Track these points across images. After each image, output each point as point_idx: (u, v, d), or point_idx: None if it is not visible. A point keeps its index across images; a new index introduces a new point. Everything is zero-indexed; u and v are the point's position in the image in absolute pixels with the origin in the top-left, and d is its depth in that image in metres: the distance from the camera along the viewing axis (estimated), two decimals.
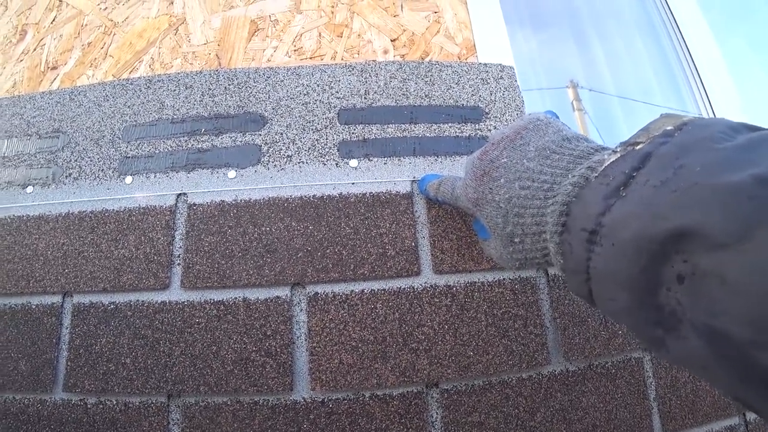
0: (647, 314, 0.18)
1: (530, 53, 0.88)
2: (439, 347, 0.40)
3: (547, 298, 0.44)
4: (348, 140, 0.44)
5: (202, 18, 0.52)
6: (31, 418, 0.40)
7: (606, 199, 0.19)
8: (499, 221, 0.27)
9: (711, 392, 0.45)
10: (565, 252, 0.22)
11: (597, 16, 0.93)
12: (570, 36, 0.93)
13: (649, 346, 0.19)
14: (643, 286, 0.17)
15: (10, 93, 0.54)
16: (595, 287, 0.20)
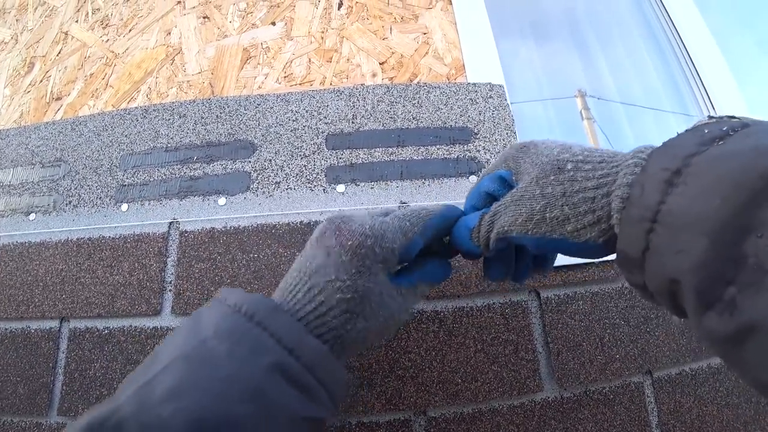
0: (722, 267, 0.16)
1: (537, 64, 0.89)
2: (426, 374, 0.40)
3: (539, 322, 0.43)
4: (335, 165, 0.45)
5: (197, 47, 0.54)
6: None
7: (699, 146, 0.18)
8: (555, 150, 0.25)
9: (719, 417, 0.44)
10: (632, 195, 0.19)
11: (599, 25, 0.93)
12: (574, 46, 0.93)
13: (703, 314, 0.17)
14: (730, 230, 0.15)
15: (17, 123, 0.57)
16: (660, 238, 0.18)
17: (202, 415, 0.20)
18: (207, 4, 0.58)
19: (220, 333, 0.23)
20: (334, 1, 0.56)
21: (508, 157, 0.29)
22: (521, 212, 0.25)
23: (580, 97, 1.00)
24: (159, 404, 0.20)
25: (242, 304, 0.24)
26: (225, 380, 0.21)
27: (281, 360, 0.23)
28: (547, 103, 0.88)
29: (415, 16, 0.56)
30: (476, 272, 0.43)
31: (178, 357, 0.22)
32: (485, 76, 0.53)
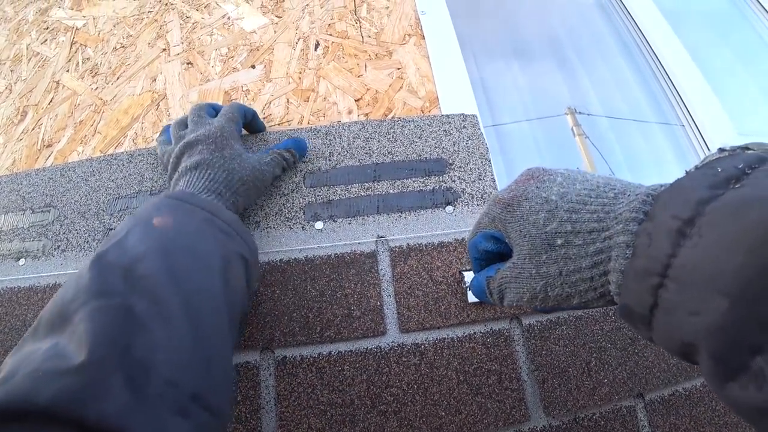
0: (746, 333, 0.14)
1: (523, 85, 0.92)
2: (409, 408, 0.40)
3: (523, 349, 0.44)
4: (313, 203, 0.47)
5: (180, 93, 0.57)
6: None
7: (713, 189, 0.16)
8: (540, 218, 0.24)
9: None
10: (638, 245, 0.18)
11: (579, 45, 0.97)
12: (557, 66, 0.97)
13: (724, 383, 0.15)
14: (755, 290, 0.13)
15: (9, 170, 0.59)
16: (671, 295, 0.17)
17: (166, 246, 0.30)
18: (191, 51, 0.61)
19: (162, 209, 0.33)
20: (311, 43, 0.59)
21: (495, 217, 0.28)
22: (524, 291, 0.25)
23: (570, 114, 1.03)
24: (135, 246, 0.30)
25: (171, 195, 0.35)
26: (175, 228, 0.32)
27: (209, 218, 0.34)
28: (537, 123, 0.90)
29: (389, 52, 0.58)
30: (455, 303, 0.44)
31: (134, 226, 0.32)
32: (459, 106, 0.55)
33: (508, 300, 0.29)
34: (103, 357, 0.23)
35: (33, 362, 0.23)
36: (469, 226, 0.47)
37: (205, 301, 0.30)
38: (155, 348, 0.25)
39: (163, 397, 0.24)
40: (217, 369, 0.29)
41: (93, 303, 0.26)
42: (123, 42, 0.65)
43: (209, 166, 0.39)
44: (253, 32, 0.61)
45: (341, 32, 0.60)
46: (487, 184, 0.50)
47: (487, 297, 0.32)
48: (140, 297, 0.27)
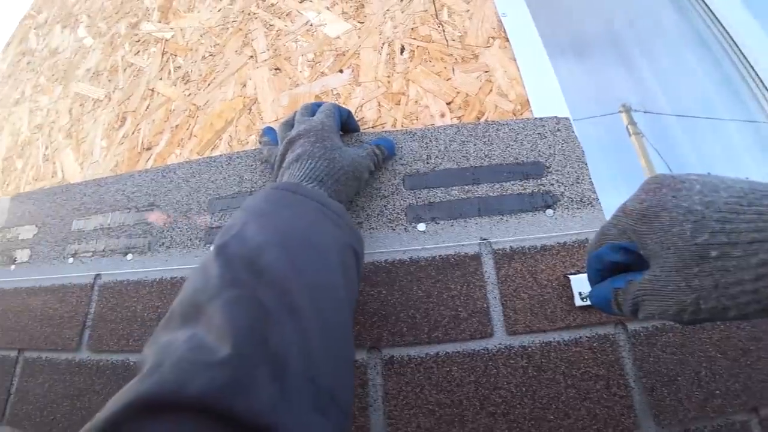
0: None
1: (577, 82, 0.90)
2: (518, 411, 0.41)
3: (629, 355, 0.43)
4: (414, 205, 0.48)
5: (271, 97, 0.59)
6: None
7: None
8: (686, 229, 0.23)
9: None
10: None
11: (640, 37, 0.93)
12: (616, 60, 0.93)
13: None
14: None
15: (113, 171, 0.64)
16: None
17: (285, 238, 0.31)
18: (277, 57, 0.64)
19: (274, 199, 0.35)
20: (396, 47, 0.60)
21: (626, 228, 0.27)
22: (669, 304, 0.25)
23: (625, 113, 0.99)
24: (253, 237, 0.31)
25: (277, 186, 0.37)
26: (289, 220, 0.33)
27: (319, 208, 0.35)
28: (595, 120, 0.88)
29: (475, 55, 0.59)
30: (561, 306, 0.44)
31: (249, 217, 0.33)
32: (550, 109, 0.54)
33: (645, 312, 0.27)
34: (248, 350, 0.23)
35: (176, 352, 0.23)
36: (571, 229, 0.47)
37: (328, 294, 0.30)
38: (289, 341, 0.25)
39: (304, 393, 0.24)
40: (344, 366, 0.29)
41: (226, 293, 0.26)
42: (211, 50, 0.69)
43: (310, 156, 0.40)
44: (337, 38, 0.63)
45: (425, 36, 0.61)
46: (585, 188, 0.49)
47: (612, 308, 0.31)
48: (267, 288, 0.27)
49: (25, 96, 0.87)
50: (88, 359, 0.54)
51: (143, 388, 0.21)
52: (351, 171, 0.42)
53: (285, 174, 0.42)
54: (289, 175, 0.41)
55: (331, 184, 0.40)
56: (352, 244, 0.36)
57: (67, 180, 0.68)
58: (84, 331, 0.56)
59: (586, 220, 0.47)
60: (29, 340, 0.59)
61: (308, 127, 0.43)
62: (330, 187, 0.40)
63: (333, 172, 0.40)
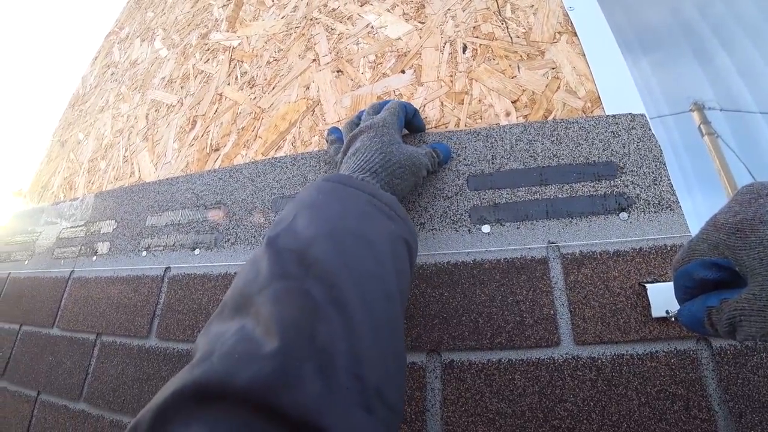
0: None
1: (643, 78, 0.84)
2: (584, 426, 0.39)
3: (714, 375, 0.39)
4: (479, 206, 0.47)
5: (334, 99, 0.62)
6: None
7: None
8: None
9: None
10: None
11: (716, 27, 0.86)
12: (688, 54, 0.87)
13: None
14: None
15: (184, 171, 0.70)
16: None
17: (335, 230, 0.31)
18: (339, 60, 0.66)
19: (325, 191, 0.36)
20: (459, 46, 0.60)
21: (719, 243, 0.26)
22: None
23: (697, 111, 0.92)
24: (303, 230, 0.31)
25: (328, 178, 0.37)
26: (341, 211, 0.33)
27: (370, 199, 0.35)
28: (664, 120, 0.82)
29: (541, 52, 0.57)
30: (635, 317, 0.41)
31: (300, 210, 0.34)
32: (623, 106, 0.52)
33: (744, 333, 0.26)
34: (294, 344, 0.24)
35: (225, 343, 0.24)
36: (647, 234, 0.44)
37: (378, 287, 0.30)
38: (336, 337, 0.25)
39: (350, 390, 0.24)
40: (394, 362, 0.29)
41: (274, 285, 0.27)
42: (275, 56, 0.74)
43: (367, 149, 0.41)
44: (398, 39, 0.65)
45: (488, 34, 0.61)
46: (663, 190, 0.46)
47: (705, 328, 0.29)
48: (316, 281, 0.27)
49: (108, 104, 0.97)
50: (156, 346, 0.59)
51: (192, 377, 0.22)
52: (408, 165, 0.42)
53: (342, 167, 0.43)
54: (345, 168, 0.42)
55: (384, 176, 0.40)
56: (404, 236, 0.36)
57: (143, 179, 0.76)
58: (154, 319, 0.61)
59: (664, 225, 0.44)
60: (106, 326, 0.66)
61: (370, 124, 0.44)
62: (383, 179, 0.40)
63: (388, 165, 0.41)
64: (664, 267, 0.43)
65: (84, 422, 0.61)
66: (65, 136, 1.08)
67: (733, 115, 0.80)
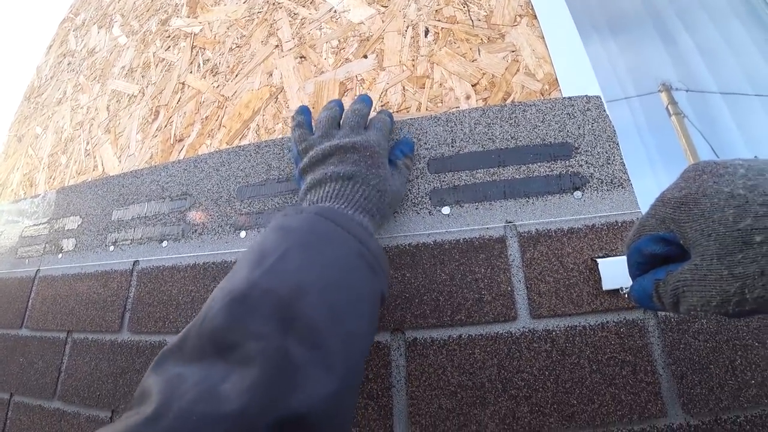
0: None
1: (611, 60, 0.88)
2: (540, 394, 0.42)
3: (659, 342, 0.43)
4: (439, 188, 0.50)
5: (297, 85, 0.63)
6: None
7: None
8: (728, 215, 0.23)
9: None
10: None
11: (682, 10, 0.90)
12: (655, 36, 0.91)
13: None
14: None
15: (148, 163, 0.70)
16: None
17: (329, 282, 0.31)
18: (302, 45, 0.68)
19: (320, 233, 0.34)
20: (421, 30, 0.62)
21: (665, 218, 0.28)
22: (712, 294, 0.24)
23: (665, 92, 0.96)
24: (292, 275, 0.30)
25: (324, 214, 0.36)
26: (335, 260, 0.33)
27: (361, 250, 0.35)
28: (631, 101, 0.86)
29: (502, 35, 0.60)
30: (588, 290, 0.45)
31: (293, 245, 0.33)
32: (580, 88, 0.55)
33: (686, 305, 0.27)
34: (260, 410, 0.23)
35: (184, 396, 0.23)
36: (600, 211, 0.47)
37: (358, 346, 0.30)
38: (313, 399, 0.25)
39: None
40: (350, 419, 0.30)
41: (250, 344, 0.26)
42: (237, 42, 0.74)
43: (364, 182, 0.41)
44: (361, 23, 0.66)
45: (450, 17, 0.63)
46: (616, 169, 0.50)
47: (653, 303, 0.31)
48: (299, 340, 0.27)
49: (66, 95, 0.96)
50: (129, 340, 0.60)
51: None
52: (396, 202, 0.45)
53: (328, 185, 0.41)
54: (335, 192, 0.40)
55: (379, 218, 0.42)
56: (383, 290, 0.37)
57: (106, 173, 0.76)
58: (125, 313, 0.62)
59: (616, 202, 0.48)
60: (76, 323, 0.67)
61: (364, 143, 0.43)
62: (378, 221, 0.42)
63: (382, 205, 0.42)
64: (615, 242, 0.46)
65: (60, 420, 0.62)
66: (22, 131, 1.06)
67: (697, 95, 0.84)
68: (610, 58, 0.87)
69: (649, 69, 0.87)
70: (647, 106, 0.86)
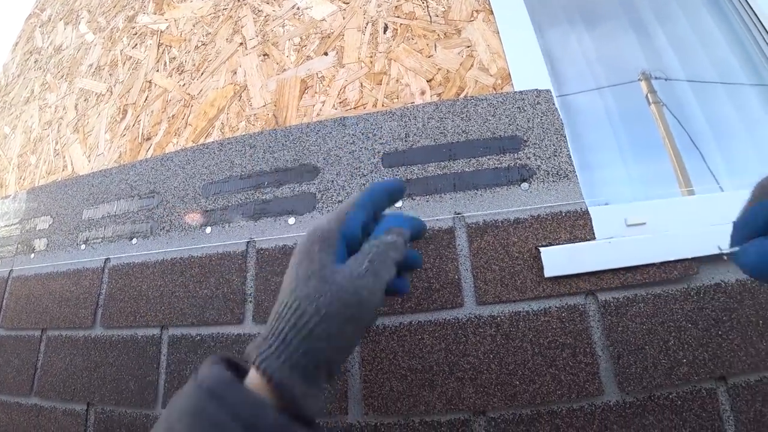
0: None
1: (590, 51, 0.90)
2: (485, 376, 0.46)
3: (598, 325, 0.47)
4: None
5: (260, 83, 0.65)
6: (137, 429, 0.53)
7: None
8: None
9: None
10: None
11: (655, 1, 0.93)
12: (629, 26, 0.93)
13: None
14: None
15: (117, 162, 0.72)
16: None
17: None
18: (266, 43, 0.69)
19: (184, 413, 0.26)
20: (380, 26, 0.64)
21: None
22: None
23: (644, 80, 0.98)
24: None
25: (204, 378, 0.27)
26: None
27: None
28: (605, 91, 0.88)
29: (458, 30, 0.62)
30: (531, 277, 0.48)
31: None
32: (532, 82, 0.57)
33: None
34: None
35: None
36: (545, 202, 0.50)
37: None
38: None
39: None
40: None
41: None
42: (203, 40, 0.76)
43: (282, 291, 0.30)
44: (323, 20, 0.68)
45: (408, 13, 0.65)
46: (562, 161, 0.52)
47: None
48: None
49: (34, 94, 0.97)
50: (102, 335, 0.63)
51: None
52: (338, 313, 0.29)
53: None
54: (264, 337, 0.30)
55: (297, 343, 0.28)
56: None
57: (76, 172, 0.78)
58: (97, 310, 0.65)
59: (561, 193, 0.51)
60: (51, 320, 0.69)
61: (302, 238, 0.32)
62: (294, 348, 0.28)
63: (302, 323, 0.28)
64: (559, 232, 0.49)
65: (38, 415, 0.65)
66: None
67: (670, 83, 0.87)
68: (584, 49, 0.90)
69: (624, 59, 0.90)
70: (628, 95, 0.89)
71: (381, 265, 0.30)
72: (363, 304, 0.29)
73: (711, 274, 0.48)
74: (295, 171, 0.57)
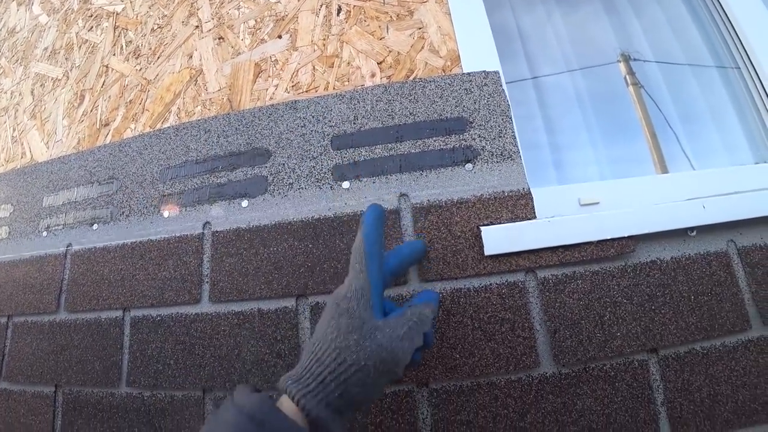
0: None
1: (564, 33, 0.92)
2: (425, 352, 0.49)
3: (537, 301, 0.50)
4: (340, 164, 0.55)
5: (215, 67, 0.67)
6: (104, 407, 0.56)
7: None
8: None
9: (732, 397, 0.47)
10: None
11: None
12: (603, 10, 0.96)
13: None
14: None
15: (76, 149, 0.73)
16: None
17: None
18: (221, 26, 0.70)
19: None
20: (334, 8, 0.66)
21: None
22: None
23: (624, 62, 1.01)
24: None
25: (243, 404, 0.32)
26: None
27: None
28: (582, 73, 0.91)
29: (410, 12, 0.64)
30: (473, 255, 0.51)
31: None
32: (481, 63, 0.60)
33: None
34: None
35: None
36: (488, 182, 0.53)
37: None
38: None
39: None
40: None
41: None
42: (159, 22, 0.76)
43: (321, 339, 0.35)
44: (277, 2, 0.69)
45: None
46: (507, 142, 0.55)
47: None
48: None
49: None
50: (66, 319, 0.65)
51: None
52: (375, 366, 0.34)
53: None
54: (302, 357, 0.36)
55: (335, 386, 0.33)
56: None
57: (35, 160, 0.79)
58: (61, 295, 0.67)
59: (504, 174, 0.53)
60: (16, 307, 0.71)
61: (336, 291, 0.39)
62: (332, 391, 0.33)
63: (342, 369, 0.33)
64: (501, 211, 0.52)
65: (8, 399, 0.68)
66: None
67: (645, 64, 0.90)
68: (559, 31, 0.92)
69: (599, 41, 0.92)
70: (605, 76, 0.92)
71: (415, 333, 0.36)
72: (398, 363, 0.34)
73: (648, 252, 0.51)
74: (247, 155, 0.59)
